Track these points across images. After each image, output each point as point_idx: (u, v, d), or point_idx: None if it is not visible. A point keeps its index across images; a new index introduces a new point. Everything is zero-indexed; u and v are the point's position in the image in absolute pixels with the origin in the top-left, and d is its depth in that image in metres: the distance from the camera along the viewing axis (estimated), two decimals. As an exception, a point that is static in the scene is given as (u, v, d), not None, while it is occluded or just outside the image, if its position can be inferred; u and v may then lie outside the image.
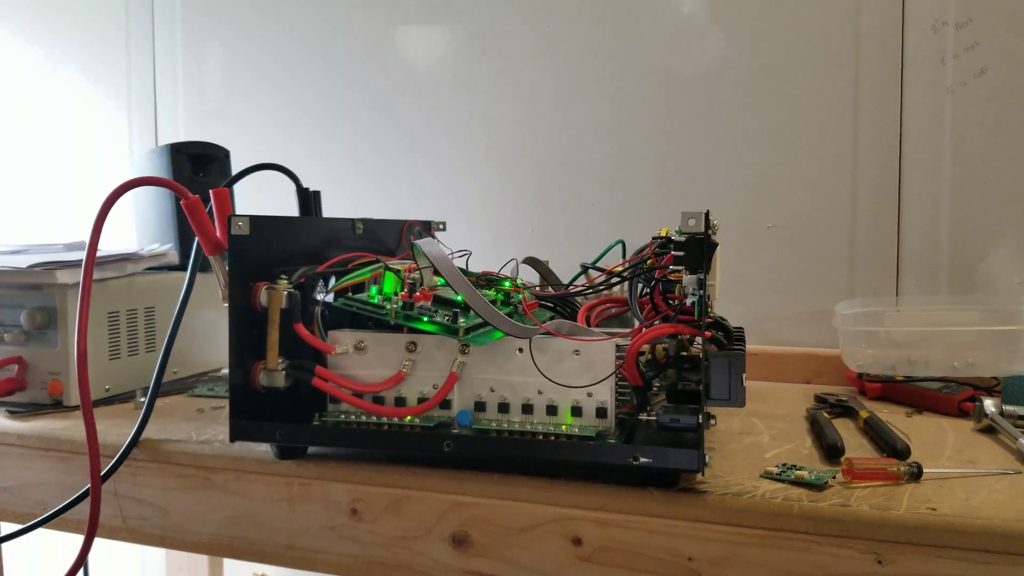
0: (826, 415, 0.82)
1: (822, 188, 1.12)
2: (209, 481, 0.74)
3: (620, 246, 0.86)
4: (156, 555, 1.55)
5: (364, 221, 0.88)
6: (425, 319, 0.68)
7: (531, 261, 0.87)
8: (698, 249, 0.61)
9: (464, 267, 0.93)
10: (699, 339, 0.64)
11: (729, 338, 0.64)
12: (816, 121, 1.12)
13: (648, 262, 0.69)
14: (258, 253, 0.70)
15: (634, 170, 1.21)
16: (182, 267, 0.94)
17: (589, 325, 0.81)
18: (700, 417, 0.62)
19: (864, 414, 0.81)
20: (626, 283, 0.74)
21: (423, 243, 0.68)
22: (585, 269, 0.84)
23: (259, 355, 0.70)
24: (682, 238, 0.61)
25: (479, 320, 0.68)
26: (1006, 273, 1.06)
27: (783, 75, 1.14)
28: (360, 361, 0.71)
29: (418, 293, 0.70)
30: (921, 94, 1.08)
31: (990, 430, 0.80)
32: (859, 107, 1.11)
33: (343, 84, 1.38)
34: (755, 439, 0.77)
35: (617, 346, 0.67)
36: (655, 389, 0.72)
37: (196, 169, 1.10)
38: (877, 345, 0.97)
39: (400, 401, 0.70)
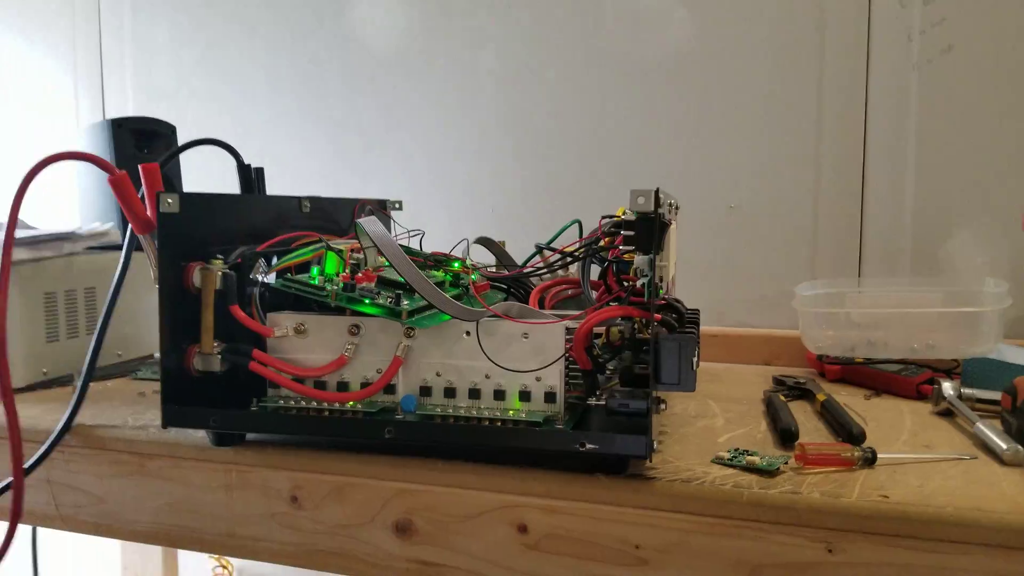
0: (783, 398, 0.80)
1: (785, 168, 1.11)
2: (145, 468, 0.71)
3: (576, 226, 0.83)
4: (111, 541, 1.52)
5: (312, 199, 0.85)
6: (367, 301, 0.65)
7: (484, 241, 0.84)
8: (648, 229, 0.58)
9: (419, 247, 0.90)
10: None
11: (681, 321, 0.62)
12: (779, 100, 1.11)
13: (601, 243, 0.66)
14: (191, 232, 0.67)
15: (596, 151, 1.19)
16: (124, 246, 0.91)
17: (542, 307, 0.79)
18: (648, 401, 0.60)
19: (821, 397, 0.80)
20: (580, 264, 0.71)
21: (366, 222, 0.66)
22: (540, 250, 0.81)
23: (194, 338, 0.67)
24: (633, 217, 0.59)
25: (424, 303, 0.65)
26: (969, 255, 1.05)
27: (746, 53, 1.12)
28: (301, 345, 0.68)
29: (360, 274, 0.67)
30: (887, 72, 1.06)
31: (948, 413, 0.78)
32: (824, 85, 1.09)
33: (301, 61, 1.34)
34: (709, 423, 0.76)
35: (568, 329, 0.64)
36: (609, 372, 0.70)
37: (140, 145, 1.05)
38: (837, 327, 0.95)
39: (343, 386, 0.67)
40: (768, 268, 1.11)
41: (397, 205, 1.06)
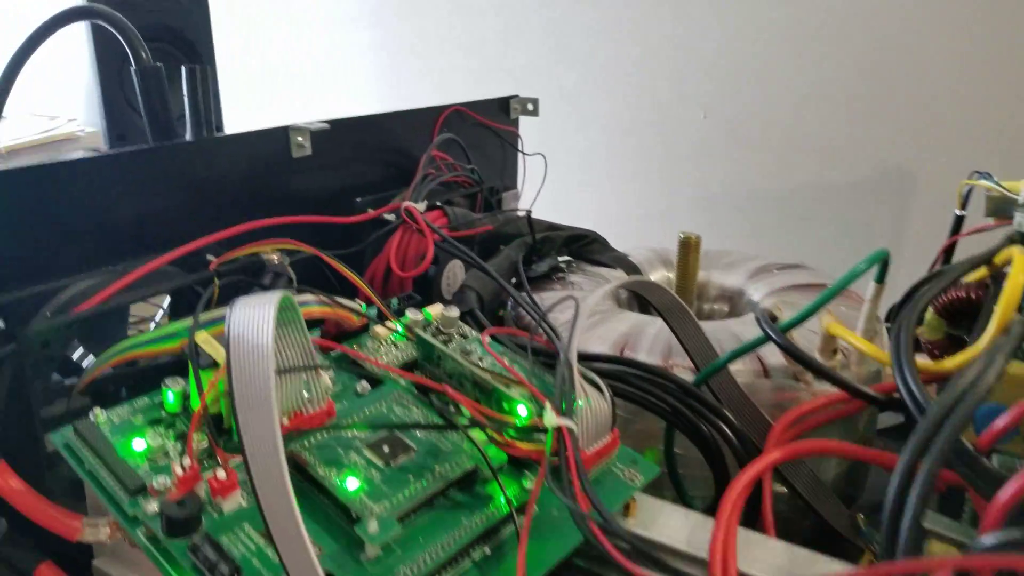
0: None
1: None
2: None
3: (881, 265, 0.33)
4: None
5: (317, 132, 0.42)
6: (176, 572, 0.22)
7: (638, 289, 0.33)
8: None
9: (527, 234, 0.46)
10: None
11: None
12: None
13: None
14: None
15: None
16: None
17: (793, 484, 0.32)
18: None
19: None
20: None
21: (239, 306, 0.22)
22: (765, 335, 0.31)
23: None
24: None
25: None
26: None
27: None
28: (140, 562, 0.29)
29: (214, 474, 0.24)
30: None
31: None
32: None
33: None
34: None
35: None
36: None
37: None
38: None
39: None
40: None
41: (530, 106, 0.60)
